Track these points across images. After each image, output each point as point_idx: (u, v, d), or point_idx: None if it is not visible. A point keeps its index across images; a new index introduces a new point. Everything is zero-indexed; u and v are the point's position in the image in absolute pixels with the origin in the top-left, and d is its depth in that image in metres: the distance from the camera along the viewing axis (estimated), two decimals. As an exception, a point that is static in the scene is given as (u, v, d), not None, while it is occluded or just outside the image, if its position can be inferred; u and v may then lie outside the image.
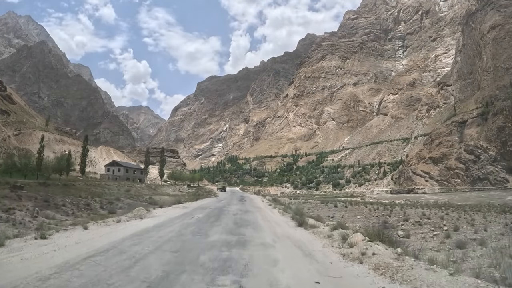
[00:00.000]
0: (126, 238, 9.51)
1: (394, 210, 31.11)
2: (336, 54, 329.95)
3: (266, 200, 41.28)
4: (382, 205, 37.45)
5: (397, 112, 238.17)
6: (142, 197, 25.83)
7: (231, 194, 61.58)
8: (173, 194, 42.89)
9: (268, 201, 38.10)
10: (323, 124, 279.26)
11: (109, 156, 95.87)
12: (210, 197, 44.10)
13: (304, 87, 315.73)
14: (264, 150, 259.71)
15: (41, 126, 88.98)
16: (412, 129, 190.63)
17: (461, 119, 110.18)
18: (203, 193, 51.85)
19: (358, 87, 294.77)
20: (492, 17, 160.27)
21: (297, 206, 24.85)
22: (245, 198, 44.11)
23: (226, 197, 45.76)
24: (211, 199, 39.19)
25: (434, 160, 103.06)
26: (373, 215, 28.30)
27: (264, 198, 49.20)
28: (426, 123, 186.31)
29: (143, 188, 38.05)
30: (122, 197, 21.92)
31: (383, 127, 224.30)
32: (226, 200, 38.05)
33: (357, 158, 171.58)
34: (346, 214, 29.57)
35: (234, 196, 50.44)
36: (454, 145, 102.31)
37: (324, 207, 36.89)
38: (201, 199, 35.15)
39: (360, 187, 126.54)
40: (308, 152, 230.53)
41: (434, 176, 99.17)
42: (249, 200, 38.95)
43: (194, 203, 28.23)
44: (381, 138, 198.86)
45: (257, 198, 47.39)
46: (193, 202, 28.94)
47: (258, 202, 35.03)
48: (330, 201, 42.29)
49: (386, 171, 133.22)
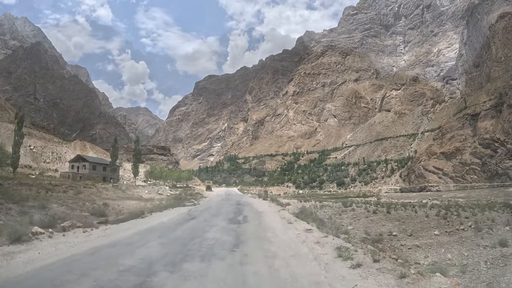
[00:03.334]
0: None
1: (451, 217, 23.83)
2: (336, 50, 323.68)
3: (288, 214, 21.80)
4: (420, 207, 30.17)
5: (401, 108, 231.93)
6: (92, 204, 18.59)
7: (223, 199, 40.93)
8: (147, 197, 34.70)
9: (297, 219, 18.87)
10: (324, 122, 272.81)
11: (84, 152, 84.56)
12: (187, 205, 28.82)
13: (304, 84, 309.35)
14: (264, 149, 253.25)
15: (12, 119, 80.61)
16: (417, 125, 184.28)
17: (473, 112, 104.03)
18: (186, 196, 40.74)
19: (359, 83, 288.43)
20: (499, 7, 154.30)
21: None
22: (244, 210, 25.42)
23: (211, 206, 29.66)
24: (185, 209, 24.85)
25: (446, 156, 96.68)
26: (450, 229, 20.88)
27: (280, 207, 28.64)
28: (432, 118, 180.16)
29: (107, 190, 29.80)
30: (56, 204, 15.32)
31: (387, 123, 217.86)
32: (208, 212, 23.27)
33: (362, 156, 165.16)
34: (418, 229, 21.79)
35: (226, 205, 30.95)
36: (467, 139, 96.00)
37: (356, 214, 29.36)
38: (171, 209, 23.52)
39: (367, 186, 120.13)
40: (309, 150, 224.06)
41: (447, 173, 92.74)
42: (253, 214, 21.90)
43: (155, 216, 18.88)
44: (386, 134, 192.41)
45: (267, 209, 26.69)
46: (157, 212, 20.38)
47: (271, 221, 18.40)
48: (356, 204, 33.70)
49: (393, 168, 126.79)
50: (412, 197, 58.13)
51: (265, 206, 30.52)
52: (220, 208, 26.80)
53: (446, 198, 48.66)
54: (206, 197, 44.58)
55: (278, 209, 26.55)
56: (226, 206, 29.08)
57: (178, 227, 15.40)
